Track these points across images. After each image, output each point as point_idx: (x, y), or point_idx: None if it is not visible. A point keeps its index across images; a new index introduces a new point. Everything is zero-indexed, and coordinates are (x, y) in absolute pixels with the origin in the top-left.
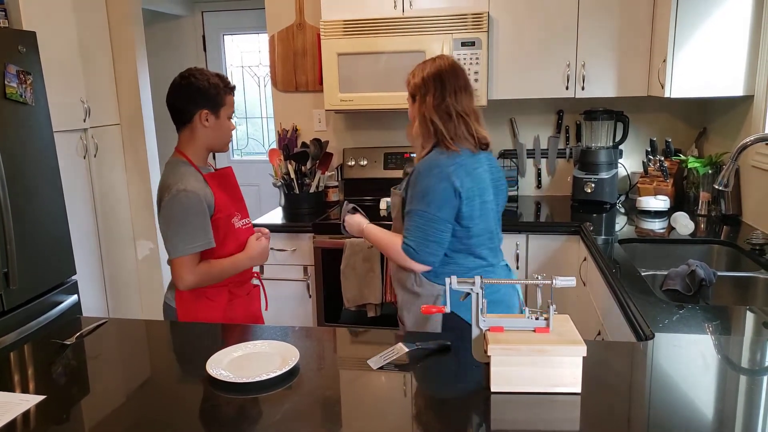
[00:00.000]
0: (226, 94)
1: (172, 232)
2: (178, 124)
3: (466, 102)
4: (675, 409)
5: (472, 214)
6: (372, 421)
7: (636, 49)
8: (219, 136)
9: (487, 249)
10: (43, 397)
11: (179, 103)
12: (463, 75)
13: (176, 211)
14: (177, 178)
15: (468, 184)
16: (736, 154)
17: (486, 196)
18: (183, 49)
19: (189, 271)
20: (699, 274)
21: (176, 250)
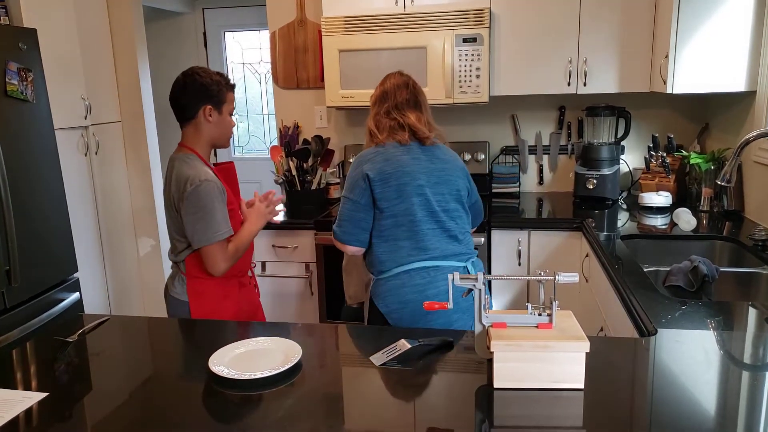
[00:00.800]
0: (228, 91)
1: (201, 221)
2: (182, 120)
3: (407, 109)
4: (678, 404)
5: (386, 195)
6: (374, 418)
7: (638, 45)
8: (221, 132)
9: (408, 238)
10: (45, 394)
11: (183, 99)
12: (408, 87)
13: (203, 200)
14: (194, 170)
15: (381, 167)
16: (739, 149)
17: (405, 179)
18: (184, 46)
19: (222, 257)
20: (701, 270)
21: (207, 238)
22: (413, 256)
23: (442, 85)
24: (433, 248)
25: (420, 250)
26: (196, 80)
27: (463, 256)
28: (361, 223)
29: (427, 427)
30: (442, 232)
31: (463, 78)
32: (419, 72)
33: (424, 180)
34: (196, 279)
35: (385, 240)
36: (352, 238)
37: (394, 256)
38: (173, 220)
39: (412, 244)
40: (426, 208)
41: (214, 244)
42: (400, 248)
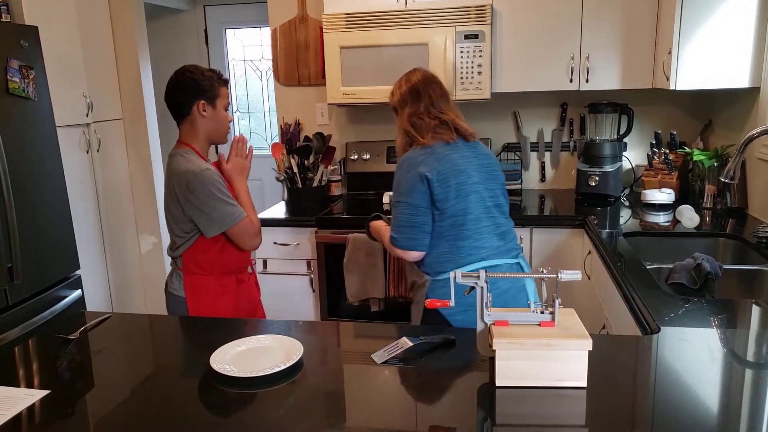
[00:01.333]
0: (220, 86)
1: (218, 206)
2: (178, 118)
3: (442, 105)
4: (681, 402)
5: (446, 196)
6: (376, 416)
7: (641, 41)
8: (217, 127)
9: (467, 238)
10: (47, 391)
11: (177, 97)
12: (436, 82)
13: (211, 187)
14: (192, 163)
15: (438, 167)
16: (743, 146)
17: (462, 178)
18: (185, 44)
19: (254, 230)
20: (705, 268)
21: (231, 220)
22: (472, 256)
23: (443, 82)
24: (488, 246)
25: (476, 248)
26: (188, 77)
27: (513, 252)
28: (424, 227)
29: (429, 426)
30: (494, 228)
31: (464, 75)
32: None
33: (477, 177)
34: (193, 275)
35: (446, 240)
36: (417, 243)
37: (454, 257)
38: (173, 216)
39: (470, 243)
40: (481, 205)
41: (241, 221)
42: (459, 249)
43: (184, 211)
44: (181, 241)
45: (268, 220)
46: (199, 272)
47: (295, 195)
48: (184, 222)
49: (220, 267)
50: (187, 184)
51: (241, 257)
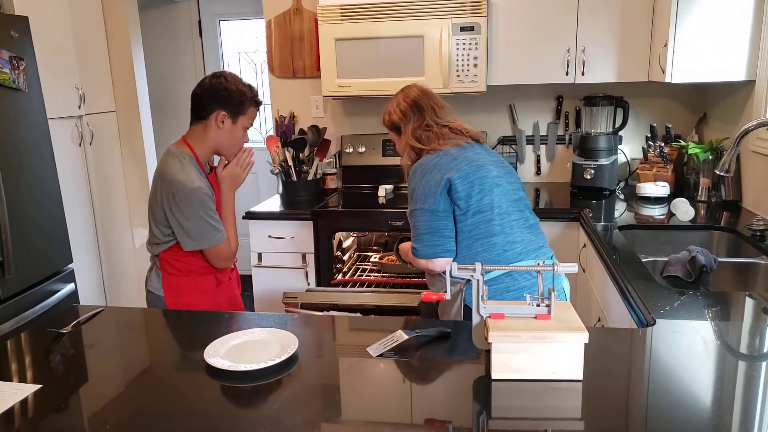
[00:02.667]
0: (251, 105)
1: (200, 225)
2: (194, 117)
3: (443, 114)
4: (676, 394)
5: (469, 192)
6: (371, 409)
7: (637, 34)
8: (229, 144)
9: (499, 233)
10: (39, 385)
11: (202, 97)
12: (434, 94)
13: (198, 207)
14: (185, 174)
15: (456, 165)
16: (738, 139)
17: (482, 173)
18: (178, 35)
19: (227, 251)
20: (699, 260)
21: (212, 241)
22: (507, 252)
23: (439, 75)
24: (521, 240)
25: (511, 243)
26: (221, 83)
27: (545, 248)
28: (444, 231)
29: (425, 419)
30: (524, 222)
31: (460, 67)
32: (416, 61)
33: (497, 171)
34: (171, 275)
35: (477, 239)
36: (439, 249)
37: (489, 254)
38: (155, 217)
39: (503, 239)
40: (507, 198)
41: (222, 243)
42: (494, 245)
43: (167, 217)
44: (159, 240)
45: (263, 213)
46: (176, 272)
47: (290, 188)
48: (165, 226)
49: (198, 268)
50: (174, 195)
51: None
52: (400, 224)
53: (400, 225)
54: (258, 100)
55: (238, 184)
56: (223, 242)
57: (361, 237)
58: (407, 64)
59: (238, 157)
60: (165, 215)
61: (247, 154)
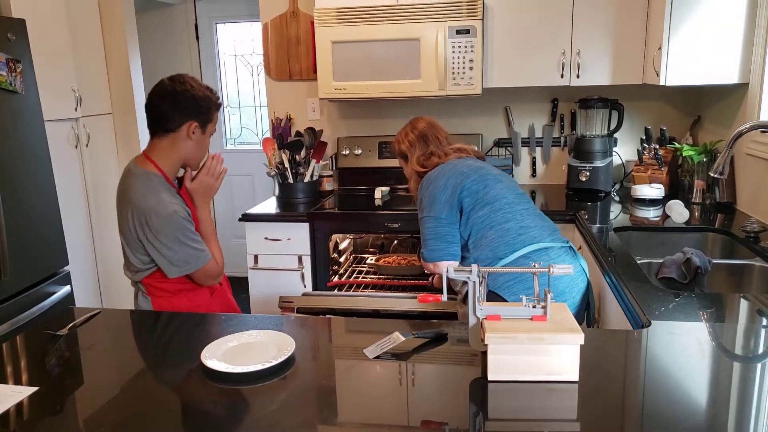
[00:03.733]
0: (216, 110)
1: (182, 250)
2: (159, 130)
3: (447, 143)
4: (671, 396)
5: (477, 187)
6: (368, 411)
7: (631, 37)
8: (197, 154)
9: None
10: (36, 388)
11: (169, 109)
12: (439, 126)
13: (177, 233)
14: (155, 197)
15: (459, 169)
16: (732, 141)
17: (483, 172)
18: (175, 38)
19: (215, 269)
20: (694, 262)
21: (197, 264)
22: (522, 236)
23: (435, 77)
24: (533, 226)
25: (524, 228)
26: (188, 91)
27: (558, 232)
28: (447, 237)
29: (421, 420)
30: (533, 210)
31: (456, 70)
32: (412, 64)
33: (497, 172)
34: (160, 298)
35: (491, 227)
36: (442, 253)
37: (505, 238)
38: (130, 245)
39: (516, 224)
40: (511, 192)
41: (207, 264)
42: (507, 230)
43: (143, 246)
44: (138, 268)
45: (259, 215)
46: (166, 295)
47: (287, 190)
48: (143, 254)
49: (189, 286)
50: (148, 223)
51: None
52: (396, 226)
53: (396, 227)
54: (220, 102)
55: (212, 195)
56: (209, 261)
57: (358, 239)
58: (403, 66)
59: (207, 166)
60: (141, 244)
61: (216, 161)
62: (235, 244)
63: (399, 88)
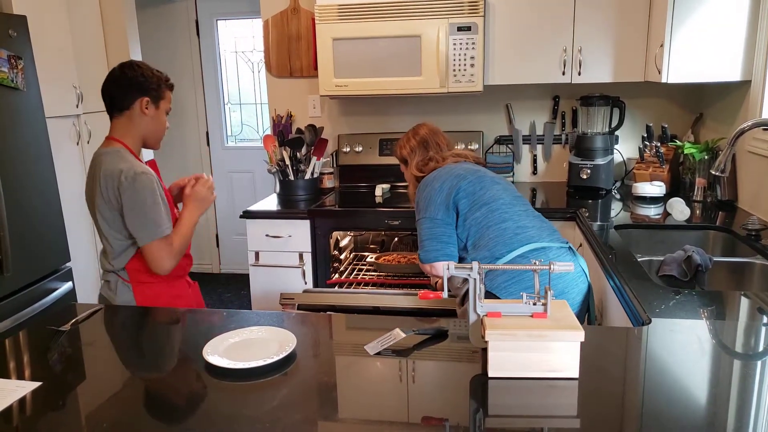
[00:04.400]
0: (166, 89)
1: (143, 217)
2: (114, 110)
3: (447, 149)
4: (671, 393)
5: (474, 189)
6: (369, 407)
7: (633, 34)
8: (155, 129)
9: (508, 219)
10: (38, 383)
11: (118, 88)
12: (441, 133)
13: (142, 194)
14: (127, 162)
15: (456, 172)
16: (734, 139)
17: (480, 174)
18: (176, 35)
19: (167, 253)
20: (695, 260)
21: (151, 234)
22: (519, 235)
23: (436, 74)
24: (531, 226)
25: (521, 227)
26: (136, 71)
27: (558, 233)
28: (442, 237)
29: (422, 417)
30: (532, 212)
31: (457, 67)
32: (413, 61)
33: (492, 174)
34: (145, 285)
35: (488, 227)
36: (438, 253)
37: (502, 238)
38: (108, 222)
39: (513, 224)
40: (508, 194)
41: (159, 240)
42: (504, 230)
43: (119, 212)
44: (121, 248)
45: (260, 212)
46: (151, 281)
47: (287, 187)
48: (119, 228)
49: (170, 274)
50: (119, 184)
51: (186, 258)
52: (396, 223)
53: (396, 224)
54: (171, 83)
55: (205, 207)
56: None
57: (358, 236)
58: (404, 63)
59: (202, 179)
60: (117, 213)
61: (208, 178)
62: (236, 241)
63: (400, 85)
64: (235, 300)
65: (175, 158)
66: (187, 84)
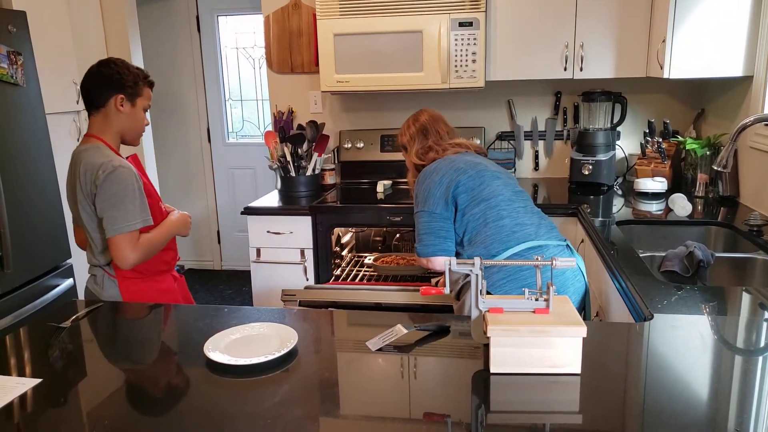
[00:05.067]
0: (144, 86)
1: (113, 209)
2: (91, 108)
3: (448, 137)
4: (673, 388)
5: (473, 184)
6: (370, 403)
7: (635, 30)
8: (133, 126)
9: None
10: (39, 380)
11: (94, 86)
12: (442, 120)
13: (116, 187)
14: (106, 157)
15: (456, 165)
16: (736, 134)
17: (480, 168)
18: (176, 30)
19: (131, 249)
20: (697, 256)
21: (117, 228)
22: (516, 233)
23: (437, 70)
24: (529, 223)
25: (519, 225)
26: (111, 68)
27: (556, 232)
28: (440, 232)
29: (423, 413)
30: (531, 209)
31: (458, 62)
32: (415, 56)
33: (494, 168)
34: (129, 280)
35: (486, 224)
36: (435, 248)
37: (499, 235)
38: (89, 216)
39: (511, 221)
40: (508, 189)
41: (123, 234)
42: (501, 228)
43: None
44: (104, 244)
45: (261, 208)
46: (135, 276)
47: (289, 183)
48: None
49: (156, 265)
50: (96, 178)
51: (172, 251)
52: (398, 219)
53: (398, 221)
54: (151, 80)
55: (184, 233)
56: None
57: (360, 233)
58: (406, 59)
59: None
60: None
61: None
62: (238, 238)
63: (401, 80)
64: (236, 296)
65: (176, 155)
66: (188, 80)
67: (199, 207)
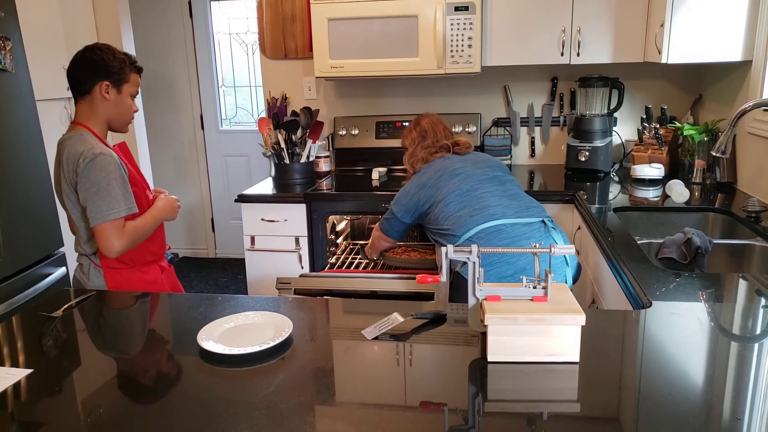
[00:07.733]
0: (132, 72)
1: (96, 197)
2: (77, 95)
3: (443, 138)
4: (671, 376)
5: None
6: (366, 392)
7: (633, 13)
8: (119, 113)
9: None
10: (31, 370)
11: (79, 73)
12: (441, 123)
13: (98, 175)
14: (87, 144)
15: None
16: (735, 119)
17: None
18: (168, 16)
19: (116, 236)
20: (695, 242)
21: (101, 216)
22: (475, 216)
23: (433, 55)
24: (495, 205)
25: (480, 209)
26: (96, 54)
27: (532, 211)
28: (393, 231)
29: (420, 401)
30: (502, 192)
31: (454, 48)
32: (410, 41)
33: (460, 164)
34: (116, 270)
35: (445, 218)
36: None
37: (459, 223)
38: (74, 205)
39: (472, 206)
40: (471, 180)
41: (107, 222)
42: (460, 218)
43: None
44: (90, 232)
45: (255, 196)
46: (120, 267)
47: (283, 171)
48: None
49: (141, 255)
50: (77, 166)
51: (159, 241)
52: None
53: None
54: (138, 66)
55: (172, 217)
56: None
57: (355, 220)
58: (401, 44)
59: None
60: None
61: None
62: (232, 226)
63: (396, 66)
64: (230, 285)
65: (169, 142)
66: (181, 66)
67: (193, 195)
